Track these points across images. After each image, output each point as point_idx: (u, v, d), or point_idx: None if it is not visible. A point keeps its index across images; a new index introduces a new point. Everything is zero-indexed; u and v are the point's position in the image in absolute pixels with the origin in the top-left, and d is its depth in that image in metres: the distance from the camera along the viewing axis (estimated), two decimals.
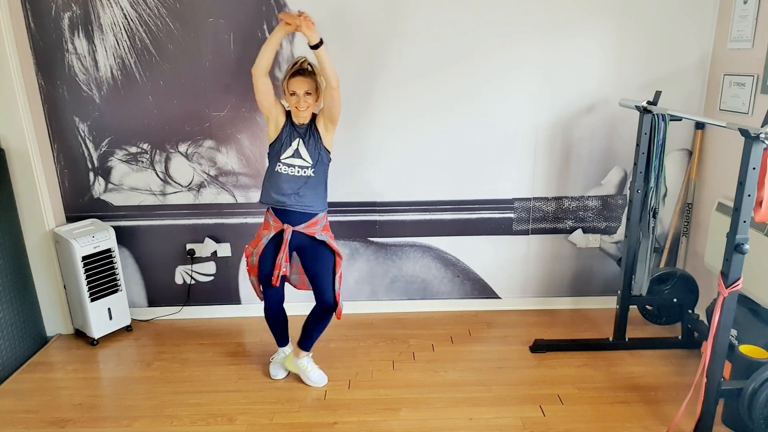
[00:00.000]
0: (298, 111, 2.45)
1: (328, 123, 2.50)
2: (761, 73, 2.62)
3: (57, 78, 3.01)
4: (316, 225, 2.53)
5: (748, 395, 2.11)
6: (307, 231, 2.52)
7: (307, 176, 2.48)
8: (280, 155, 2.48)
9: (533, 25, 2.97)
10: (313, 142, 2.49)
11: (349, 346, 3.06)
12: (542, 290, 3.44)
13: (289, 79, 2.43)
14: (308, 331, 2.68)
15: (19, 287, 2.97)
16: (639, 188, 2.70)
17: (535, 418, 2.43)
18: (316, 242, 2.55)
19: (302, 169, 2.47)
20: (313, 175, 2.49)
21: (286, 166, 2.47)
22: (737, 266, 2.05)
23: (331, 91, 2.41)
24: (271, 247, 2.54)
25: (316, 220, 2.53)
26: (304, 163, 2.47)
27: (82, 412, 2.55)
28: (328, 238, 2.57)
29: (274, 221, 2.52)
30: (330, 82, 2.39)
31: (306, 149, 2.48)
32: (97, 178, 3.19)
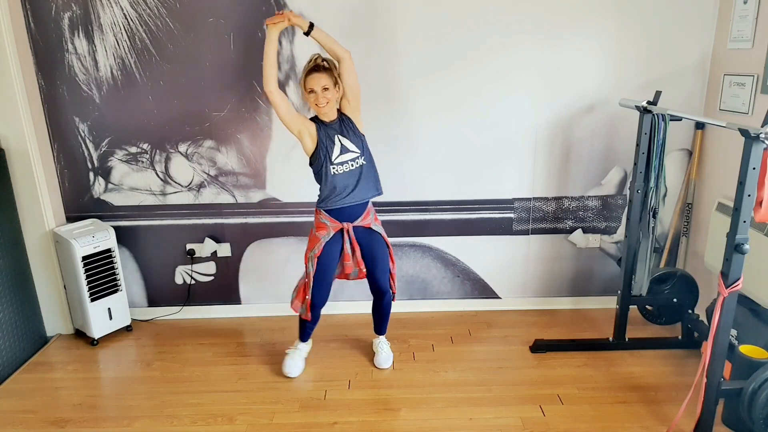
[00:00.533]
0: (319, 109, 2.46)
1: (353, 100, 2.52)
2: (761, 73, 2.62)
3: (57, 78, 3.01)
4: (368, 215, 2.62)
5: (748, 395, 2.11)
6: (363, 224, 2.59)
7: (360, 165, 2.52)
8: (330, 157, 2.48)
9: (533, 25, 2.97)
10: (351, 131, 2.53)
11: (349, 346, 3.06)
12: (542, 290, 3.44)
13: (306, 77, 2.44)
14: (376, 319, 2.88)
15: (19, 287, 2.97)
16: (639, 188, 2.70)
17: (535, 418, 2.43)
18: (372, 233, 2.63)
19: (354, 161, 2.51)
20: (365, 162, 2.53)
21: (340, 165, 2.49)
22: (737, 266, 2.05)
23: (345, 64, 2.43)
24: (332, 247, 2.59)
25: (368, 209, 2.61)
26: (353, 154, 2.51)
27: (82, 412, 2.55)
28: (381, 229, 2.66)
29: (331, 222, 2.56)
30: (340, 56, 2.42)
31: (349, 140, 2.51)
32: (97, 178, 3.19)
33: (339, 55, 2.42)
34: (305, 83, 2.44)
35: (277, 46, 2.45)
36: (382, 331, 2.92)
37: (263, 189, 3.22)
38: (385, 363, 2.85)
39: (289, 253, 3.33)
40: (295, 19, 2.39)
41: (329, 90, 2.44)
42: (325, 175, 2.51)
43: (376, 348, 2.91)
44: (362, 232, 2.62)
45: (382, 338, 2.93)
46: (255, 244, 3.32)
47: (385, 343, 2.92)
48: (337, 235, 2.58)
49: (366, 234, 2.63)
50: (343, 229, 2.57)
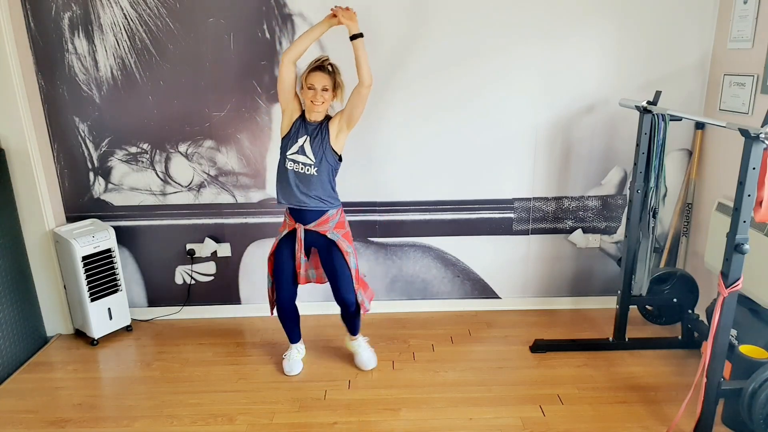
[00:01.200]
0: (312, 106, 2.46)
1: (344, 124, 2.50)
2: (761, 73, 2.62)
3: (57, 78, 3.01)
4: (327, 223, 2.56)
5: (748, 395, 2.11)
6: (318, 229, 2.55)
7: (311, 174, 2.50)
8: (287, 150, 2.51)
9: (533, 25, 2.97)
10: (318, 141, 2.49)
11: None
12: (542, 290, 3.44)
13: (309, 72, 2.46)
14: (346, 324, 2.81)
15: (19, 287, 2.97)
16: (639, 188, 2.70)
17: (535, 418, 2.43)
18: (329, 241, 2.58)
19: (305, 167, 2.49)
20: (316, 173, 2.49)
21: (292, 162, 2.51)
22: (737, 266, 2.05)
23: (361, 90, 2.43)
24: (286, 246, 2.59)
25: (326, 217, 2.55)
26: (307, 160, 2.49)
27: (82, 412, 2.55)
28: (339, 237, 2.59)
29: (289, 219, 2.58)
30: (364, 80, 2.42)
31: (311, 147, 2.49)
32: (97, 178, 3.19)
33: (364, 77, 2.41)
34: (306, 78, 2.45)
35: (317, 39, 2.48)
36: (355, 332, 2.82)
37: (263, 189, 3.22)
38: (370, 363, 2.79)
39: None
40: (349, 19, 2.40)
41: (327, 92, 2.46)
42: (280, 162, 2.54)
43: (352, 348, 2.85)
44: (318, 239, 2.58)
45: (359, 338, 2.84)
46: (255, 244, 3.32)
47: (362, 342, 2.84)
48: (293, 233, 2.58)
49: (322, 242, 2.59)
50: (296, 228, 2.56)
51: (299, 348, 2.88)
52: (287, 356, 2.85)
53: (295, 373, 2.79)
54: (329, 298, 3.34)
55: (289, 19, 2.94)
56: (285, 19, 2.94)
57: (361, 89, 2.43)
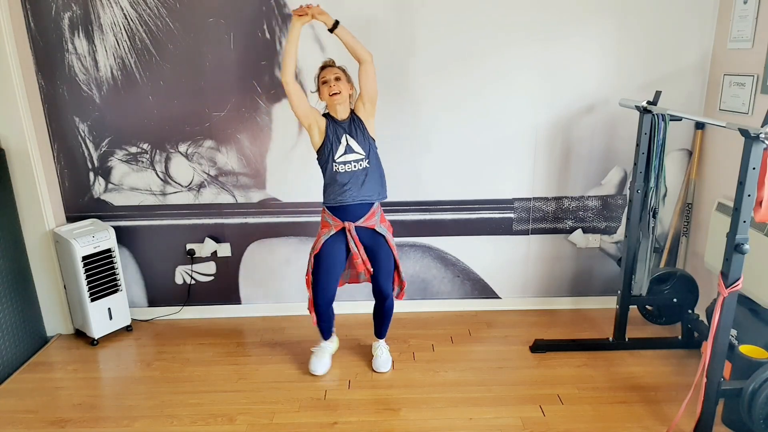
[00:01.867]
0: (332, 99, 2.47)
1: (368, 104, 2.53)
2: (761, 73, 2.62)
3: (57, 78, 3.01)
4: (373, 216, 2.58)
5: (748, 395, 2.11)
6: (366, 224, 2.57)
7: (364, 168, 2.51)
8: (334, 155, 2.50)
9: (533, 25, 2.97)
10: (360, 133, 2.53)
11: (349, 346, 3.06)
12: (542, 290, 3.44)
13: (320, 72, 2.53)
14: (377, 322, 2.83)
15: (19, 287, 2.97)
16: (639, 188, 2.70)
17: (535, 418, 2.43)
18: (376, 235, 2.61)
19: (358, 163, 2.51)
20: (369, 165, 2.53)
21: (342, 164, 2.50)
22: (737, 266, 2.05)
23: (365, 67, 2.45)
24: (332, 245, 2.58)
25: (373, 210, 2.58)
26: (357, 156, 2.51)
27: (82, 412, 2.55)
28: (386, 232, 2.63)
29: (333, 220, 2.57)
30: (362, 57, 2.44)
31: (356, 141, 2.51)
32: (97, 178, 3.19)
33: (361, 56, 2.44)
34: (319, 77, 2.52)
35: (299, 39, 2.44)
36: (382, 335, 2.88)
37: (263, 189, 3.22)
38: (384, 366, 2.81)
39: (289, 253, 3.33)
40: (320, 15, 2.40)
41: (341, 81, 2.48)
42: (327, 171, 2.53)
43: (374, 351, 2.89)
44: (365, 233, 2.60)
45: (382, 342, 2.90)
46: (255, 244, 3.32)
47: (384, 346, 2.89)
48: (341, 235, 2.58)
49: (369, 235, 2.61)
50: (345, 228, 2.56)
51: (331, 345, 2.89)
52: (317, 352, 2.84)
53: (320, 373, 2.78)
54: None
55: (289, 19, 2.94)
56: (285, 19, 2.95)
57: (365, 66, 2.45)
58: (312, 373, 2.78)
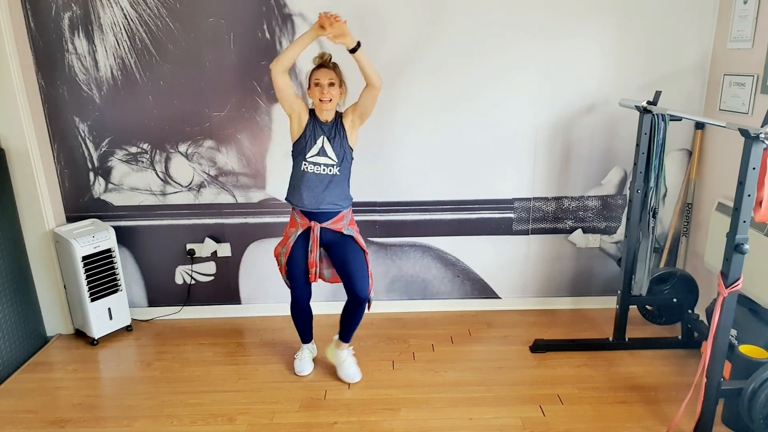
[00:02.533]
0: (321, 105, 2.43)
1: (357, 119, 2.49)
2: (761, 73, 2.62)
3: (57, 78, 3.01)
4: (342, 220, 2.55)
5: (748, 395, 2.11)
6: (334, 227, 2.54)
7: (332, 174, 2.48)
8: (306, 153, 2.47)
9: (533, 25, 2.97)
10: (338, 140, 2.48)
11: None
12: (542, 290, 3.44)
13: (314, 70, 2.44)
14: (345, 325, 2.70)
15: (19, 287, 2.97)
16: (639, 188, 2.70)
17: (535, 418, 2.43)
18: (344, 237, 2.57)
19: (327, 167, 2.47)
20: (339, 173, 2.49)
21: (312, 164, 2.46)
22: (737, 266, 2.05)
23: (372, 91, 2.42)
24: (300, 245, 2.55)
25: (341, 215, 2.55)
26: (329, 161, 2.47)
27: (82, 412, 2.55)
28: (355, 233, 2.59)
29: (301, 219, 2.54)
30: (373, 84, 2.40)
31: (332, 147, 2.47)
32: (97, 178, 3.19)
33: (373, 81, 2.38)
34: (312, 76, 2.44)
35: (305, 48, 2.38)
36: (349, 338, 2.73)
37: (263, 189, 3.22)
38: (355, 376, 2.71)
39: None
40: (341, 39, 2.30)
41: (334, 86, 2.42)
42: (296, 166, 2.50)
43: (338, 359, 2.75)
44: (334, 236, 2.55)
45: (347, 349, 2.75)
46: (255, 244, 3.32)
47: (350, 353, 2.77)
48: (307, 232, 2.54)
49: (338, 238, 2.56)
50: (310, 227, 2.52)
51: (311, 348, 2.88)
52: (299, 356, 2.83)
53: (306, 373, 2.78)
54: (330, 297, 3.36)
55: (289, 19, 2.95)
56: (285, 19, 2.95)
57: (372, 91, 2.42)
58: (298, 374, 2.77)
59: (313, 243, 2.52)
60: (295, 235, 2.55)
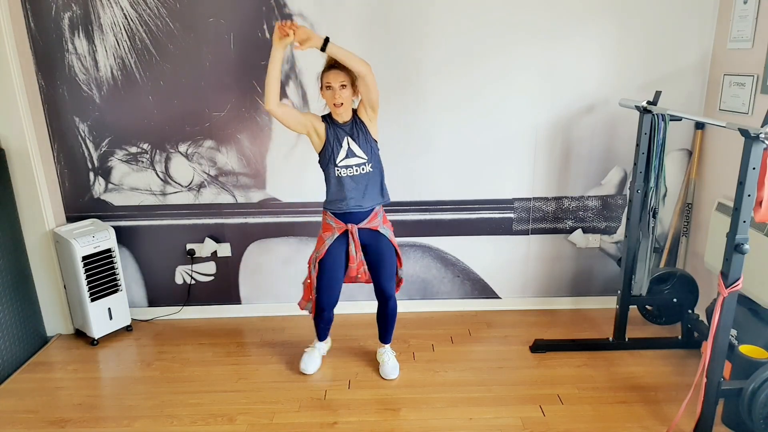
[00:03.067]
0: (336, 109, 2.40)
1: (370, 110, 2.47)
2: (761, 73, 2.62)
3: (57, 78, 3.01)
4: (376, 218, 2.55)
5: (748, 395, 2.11)
6: (370, 226, 2.54)
7: (366, 173, 2.47)
8: (335, 159, 2.44)
9: (533, 25, 2.97)
10: (362, 136, 2.46)
11: (349, 346, 3.06)
12: (542, 290, 3.44)
13: (325, 72, 2.40)
14: (381, 326, 2.79)
15: (19, 287, 2.97)
16: (639, 188, 2.70)
17: (535, 418, 2.43)
18: (379, 235, 2.57)
19: (360, 167, 2.46)
20: (372, 169, 2.48)
21: (345, 168, 2.44)
22: (737, 266, 2.05)
23: (366, 80, 2.34)
24: (336, 249, 2.55)
25: (375, 212, 2.55)
26: (359, 160, 2.46)
27: (82, 412, 2.55)
28: (389, 232, 2.60)
29: (336, 222, 2.52)
30: (359, 73, 2.31)
31: (358, 145, 2.45)
32: (97, 178, 3.19)
33: (359, 70, 2.29)
34: (323, 78, 2.40)
35: (282, 64, 2.34)
36: (388, 339, 2.83)
37: (263, 189, 3.22)
38: (392, 373, 2.76)
39: (289, 253, 3.33)
40: (306, 43, 2.23)
41: (346, 88, 2.38)
42: (329, 176, 2.49)
43: (380, 357, 2.83)
44: (368, 234, 2.56)
45: (387, 348, 2.84)
46: (255, 244, 3.32)
47: (390, 352, 2.84)
48: (343, 237, 2.55)
49: (372, 236, 2.57)
50: (347, 230, 2.53)
51: (323, 347, 2.89)
52: (309, 352, 2.84)
53: (309, 371, 2.77)
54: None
55: (289, 19, 2.94)
56: (285, 19, 2.94)
57: (363, 79, 2.33)
58: (302, 371, 2.78)
59: (355, 245, 2.53)
60: (331, 239, 2.53)
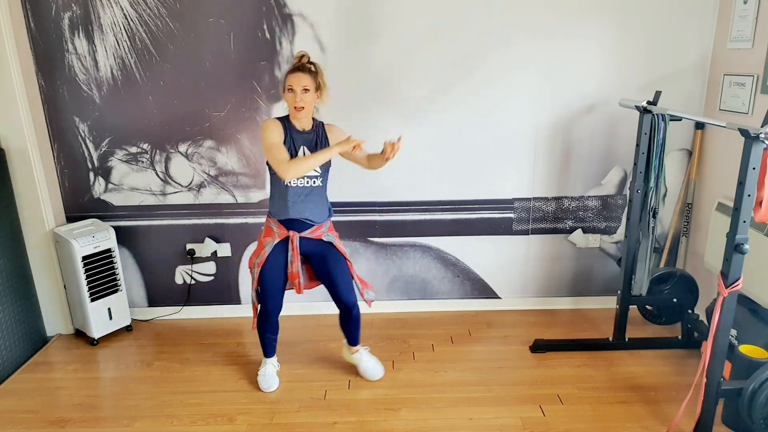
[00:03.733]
0: (296, 113, 2.33)
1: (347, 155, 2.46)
2: (761, 73, 2.62)
3: (57, 78, 3.01)
4: (321, 227, 2.49)
5: (748, 395, 2.11)
6: (313, 235, 2.47)
7: (316, 186, 2.41)
8: None
9: (533, 25, 2.97)
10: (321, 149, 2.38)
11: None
12: (542, 290, 3.44)
13: (289, 73, 2.33)
14: (346, 331, 2.70)
15: (19, 287, 2.97)
16: (639, 188, 2.70)
17: (535, 418, 2.43)
18: (324, 244, 2.51)
19: (310, 179, 2.39)
20: (321, 184, 2.43)
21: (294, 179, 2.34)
22: (737, 266, 2.05)
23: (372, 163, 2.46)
24: (277, 256, 2.46)
25: (320, 224, 2.49)
26: (312, 173, 2.38)
27: (82, 412, 2.55)
28: (334, 239, 2.53)
29: (278, 228, 2.45)
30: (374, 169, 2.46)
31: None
32: (97, 178, 3.19)
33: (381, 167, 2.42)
34: (286, 79, 2.32)
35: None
36: (357, 341, 2.71)
37: (263, 189, 3.22)
38: (376, 373, 2.71)
39: None
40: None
41: (309, 93, 2.31)
42: (275, 182, 2.41)
43: (355, 361, 2.74)
44: (313, 244, 2.48)
45: (361, 349, 2.74)
46: (255, 244, 3.32)
47: (365, 352, 2.74)
48: (284, 243, 2.45)
49: (318, 246, 2.49)
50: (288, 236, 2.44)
51: (275, 363, 2.75)
52: (263, 373, 2.70)
53: (273, 389, 2.66)
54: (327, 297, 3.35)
55: (289, 19, 2.95)
56: (285, 19, 2.95)
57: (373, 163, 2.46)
58: (264, 391, 2.65)
59: (293, 254, 2.43)
60: (271, 245, 2.44)
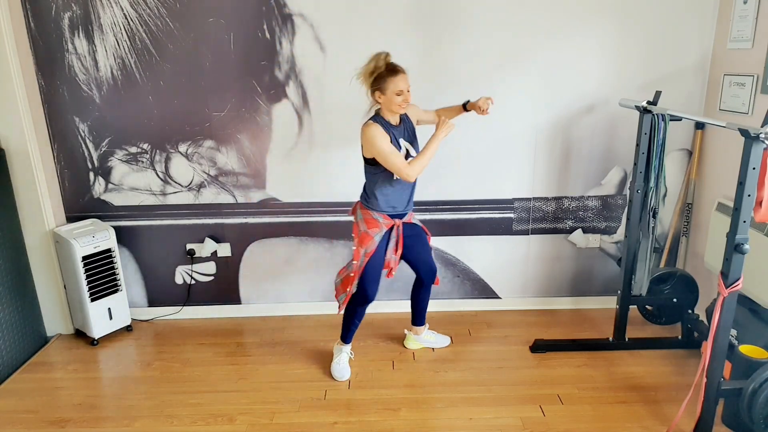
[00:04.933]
0: (400, 108, 2.43)
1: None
2: (761, 73, 2.62)
3: (57, 78, 3.01)
4: (412, 213, 2.72)
5: (748, 395, 2.11)
6: (410, 220, 2.69)
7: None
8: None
9: (533, 24, 2.97)
10: (413, 136, 2.58)
11: None
12: (542, 290, 3.44)
13: (389, 77, 2.37)
14: (419, 307, 2.94)
15: (19, 287, 2.97)
16: (639, 188, 2.70)
17: (535, 418, 2.43)
18: (414, 226, 2.72)
19: None
20: None
21: None
22: (737, 266, 2.05)
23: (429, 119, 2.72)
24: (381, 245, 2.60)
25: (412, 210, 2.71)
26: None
27: (82, 412, 2.55)
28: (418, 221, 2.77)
29: (385, 219, 2.57)
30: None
31: (412, 147, 2.55)
32: (97, 178, 3.19)
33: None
34: (388, 83, 2.37)
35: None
36: (424, 320, 2.98)
37: (263, 189, 3.22)
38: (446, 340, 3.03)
39: (289, 253, 3.33)
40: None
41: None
42: (382, 178, 2.48)
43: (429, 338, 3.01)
44: (408, 227, 2.68)
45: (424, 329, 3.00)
46: (255, 244, 3.32)
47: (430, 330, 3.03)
48: (387, 233, 2.60)
49: (409, 228, 2.69)
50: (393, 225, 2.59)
51: (349, 351, 2.84)
52: (338, 361, 2.78)
53: (346, 378, 2.74)
54: (328, 297, 3.36)
55: (289, 19, 2.95)
56: (285, 19, 2.95)
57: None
58: (338, 380, 2.73)
59: (398, 241, 2.62)
60: (380, 235, 2.56)
